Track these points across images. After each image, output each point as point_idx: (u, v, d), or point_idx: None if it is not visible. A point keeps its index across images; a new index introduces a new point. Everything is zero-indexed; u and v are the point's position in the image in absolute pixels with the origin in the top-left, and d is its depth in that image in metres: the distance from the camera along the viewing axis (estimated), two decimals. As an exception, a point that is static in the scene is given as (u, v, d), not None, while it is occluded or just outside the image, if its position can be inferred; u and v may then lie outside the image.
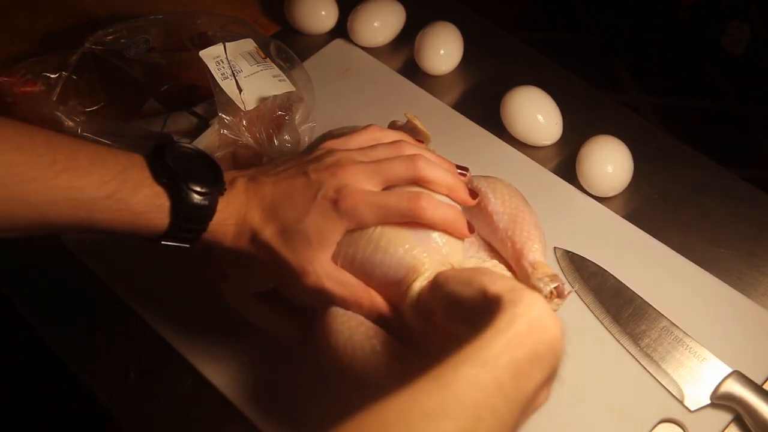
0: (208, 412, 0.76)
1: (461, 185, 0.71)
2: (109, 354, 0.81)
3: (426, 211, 0.67)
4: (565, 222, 0.85)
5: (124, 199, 0.63)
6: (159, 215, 0.64)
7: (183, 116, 0.93)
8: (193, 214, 0.65)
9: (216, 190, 0.66)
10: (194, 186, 0.65)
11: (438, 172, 0.70)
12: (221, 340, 0.79)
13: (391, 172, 0.68)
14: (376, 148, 0.71)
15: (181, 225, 0.65)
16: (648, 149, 0.92)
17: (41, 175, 0.60)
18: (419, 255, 0.68)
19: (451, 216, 0.68)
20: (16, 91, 0.89)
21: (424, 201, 0.67)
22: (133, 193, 0.63)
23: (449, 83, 1.00)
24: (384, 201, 0.67)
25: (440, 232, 0.69)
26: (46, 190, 0.61)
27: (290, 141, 0.85)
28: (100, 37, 0.91)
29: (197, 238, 0.67)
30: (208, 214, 0.66)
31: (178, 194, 0.64)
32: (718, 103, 1.03)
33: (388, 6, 1.02)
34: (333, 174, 0.67)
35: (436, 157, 0.73)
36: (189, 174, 0.65)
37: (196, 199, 0.65)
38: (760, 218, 0.88)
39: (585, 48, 1.08)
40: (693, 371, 0.75)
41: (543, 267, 0.70)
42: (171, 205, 0.64)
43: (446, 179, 0.70)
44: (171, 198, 0.64)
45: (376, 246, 0.68)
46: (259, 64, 0.87)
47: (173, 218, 0.65)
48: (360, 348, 0.66)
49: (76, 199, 0.62)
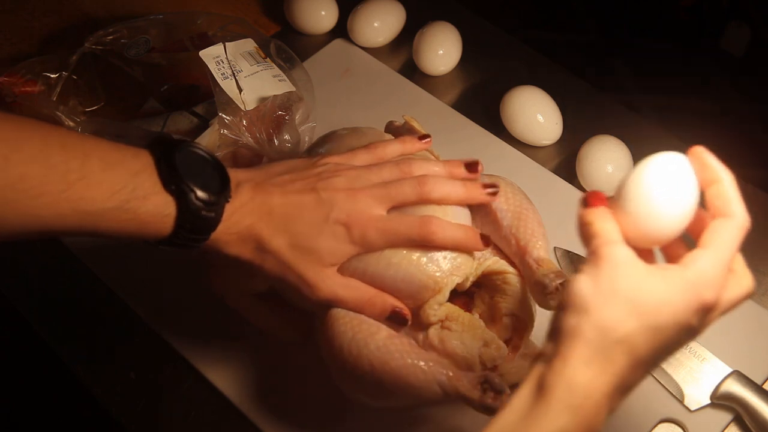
0: (208, 413, 0.76)
1: (472, 191, 0.71)
2: (109, 354, 0.81)
3: (437, 236, 0.68)
4: (565, 222, 0.84)
5: (133, 209, 0.62)
6: (164, 224, 0.64)
7: (183, 116, 0.93)
8: (198, 224, 0.65)
9: (222, 197, 0.66)
10: (201, 195, 0.64)
11: (446, 188, 0.70)
12: (221, 340, 0.79)
13: (400, 195, 0.69)
14: (382, 168, 0.71)
15: (185, 234, 0.65)
16: (648, 149, 0.92)
17: (54, 188, 0.59)
18: (431, 271, 0.68)
19: (462, 236, 0.69)
20: (16, 91, 0.89)
21: (434, 226, 0.68)
22: (142, 203, 0.62)
23: (449, 83, 1.00)
24: (395, 228, 0.68)
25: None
26: (56, 204, 0.60)
27: (290, 141, 0.85)
28: (100, 37, 0.91)
29: (198, 246, 0.66)
30: (213, 225, 0.65)
31: (185, 203, 0.63)
32: (718, 103, 1.03)
33: (388, 6, 1.02)
34: (344, 196, 0.68)
35: (442, 166, 0.73)
36: (197, 181, 0.64)
37: (202, 210, 0.64)
38: (760, 218, 0.88)
39: (585, 48, 1.07)
40: (693, 371, 0.75)
41: (548, 263, 0.70)
42: (177, 215, 0.63)
43: (455, 194, 0.71)
44: (178, 207, 0.63)
45: (388, 262, 0.68)
46: (259, 64, 0.87)
47: (177, 227, 0.64)
48: (364, 346, 0.66)
49: (85, 211, 0.61)
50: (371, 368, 0.66)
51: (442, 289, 0.68)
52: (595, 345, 0.52)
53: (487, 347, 0.69)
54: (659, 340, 0.53)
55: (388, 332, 0.67)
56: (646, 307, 0.52)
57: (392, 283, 0.69)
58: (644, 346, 0.52)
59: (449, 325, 0.69)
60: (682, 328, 0.53)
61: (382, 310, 0.68)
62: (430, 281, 0.68)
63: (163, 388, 0.78)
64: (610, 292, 0.53)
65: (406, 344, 0.67)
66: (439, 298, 0.68)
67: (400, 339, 0.67)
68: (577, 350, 0.52)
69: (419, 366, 0.65)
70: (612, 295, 0.52)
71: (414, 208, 0.70)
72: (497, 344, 0.69)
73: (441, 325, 0.69)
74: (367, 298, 0.69)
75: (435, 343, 0.69)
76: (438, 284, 0.68)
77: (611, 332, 0.52)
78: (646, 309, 0.52)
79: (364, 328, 0.67)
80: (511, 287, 0.71)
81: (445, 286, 0.68)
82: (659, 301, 0.52)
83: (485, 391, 0.63)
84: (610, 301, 0.52)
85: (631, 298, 0.52)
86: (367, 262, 0.69)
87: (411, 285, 0.68)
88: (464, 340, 0.69)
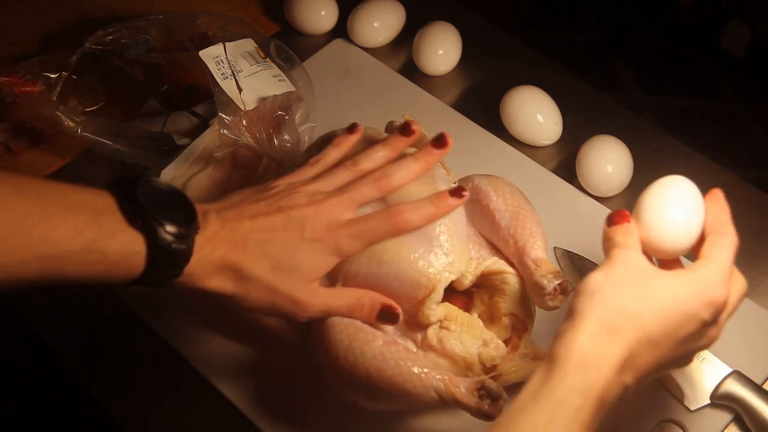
0: (208, 412, 0.76)
1: (427, 159, 0.71)
2: (110, 355, 0.81)
3: (409, 223, 0.68)
4: (565, 222, 0.85)
5: (100, 250, 0.59)
6: (134, 262, 0.61)
7: (183, 116, 0.93)
8: (170, 258, 0.62)
9: (192, 229, 0.63)
10: (170, 228, 0.61)
11: (401, 172, 0.71)
12: (221, 341, 0.79)
13: (364, 196, 0.70)
14: (334, 174, 0.71)
15: (157, 271, 0.62)
16: (648, 149, 0.92)
17: (14, 232, 0.57)
18: (424, 268, 0.68)
19: (433, 210, 0.69)
20: (16, 91, 0.89)
21: (403, 214, 0.68)
22: (109, 241, 0.60)
23: (449, 83, 1.00)
24: (367, 228, 0.68)
25: (444, 239, 0.69)
26: (17, 250, 0.57)
27: (290, 141, 0.85)
28: (100, 37, 0.91)
29: (171, 282, 0.64)
30: (185, 257, 0.63)
31: (154, 238, 0.61)
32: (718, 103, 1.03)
33: (388, 6, 1.02)
34: (311, 212, 0.68)
35: (383, 147, 0.73)
36: (163, 214, 0.62)
37: (173, 244, 0.62)
38: (760, 218, 0.88)
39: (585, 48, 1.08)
40: (693, 371, 0.75)
41: (546, 264, 0.70)
42: (147, 252, 0.61)
43: (412, 172, 0.71)
44: (147, 243, 0.61)
45: (380, 260, 0.68)
46: (259, 64, 0.87)
47: (148, 264, 0.61)
48: (360, 354, 0.66)
49: (49, 255, 0.58)
50: (368, 376, 0.66)
51: (436, 286, 0.68)
52: (606, 319, 0.57)
53: (486, 347, 0.69)
54: (669, 325, 0.58)
55: (384, 339, 0.67)
56: (655, 295, 0.58)
57: (385, 281, 0.68)
58: (654, 326, 0.57)
59: (448, 325, 0.69)
60: (692, 318, 0.58)
61: (371, 309, 0.68)
62: (423, 278, 0.68)
63: (163, 388, 0.78)
64: (621, 281, 0.59)
65: (403, 351, 0.67)
66: (435, 296, 0.68)
67: (396, 346, 0.67)
68: (588, 323, 0.57)
69: (415, 373, 0.65)
70: (623, 283, 0.59)
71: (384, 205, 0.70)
72: (496, 344, 0.69)
73: (440, 325, 0.69)
74: (355, 300, 0.69)
75: (434, 343, 0.69)
76: (431, 281, 0.68)
77: (622, 310, 0.57)
78: (656, 296, 0.58)
79: (360, 336, 0.67)
80: (510, 287, 0.71)
81: (439, 284, 0.68)
82: (667, 292, 0.58)
83: (482, 397, 0.64)
84: (622, 287, 0.58)
85: (641, 286, 0.58)
86: (359, 263, 0.69)
87: (404, 282, 0.68)
88: (463, 339, 0.69)
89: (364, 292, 0.69)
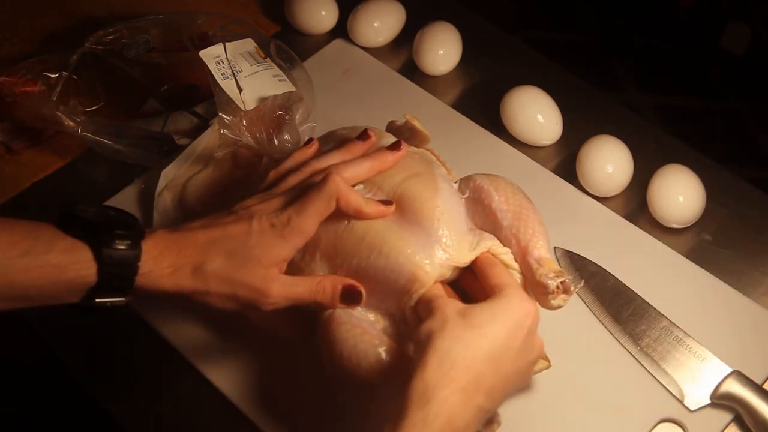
0: (208, 412, 0.76)
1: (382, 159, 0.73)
2: (109, 354, 0.81)
3: (346, 179, 0.69)
4: (565, 222, 0.85)
5: (40, 255, 0.61)
6: (84, 266, 0.62)
7: (183, 116, 0.93)
8: (119, 257, 0.63)
9: (136, 232, 0.65)
10: (112, 232, 0.63)
11: (351, 169, 0.71)
12: (221, 340, 0.79)
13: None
14: (286, 181, 0.72)
15: (111, 272, 0.63)
16: (648, 149, 0.92)
17: None
18: (420, 261, 0.68)
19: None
20: (16, 91, 0.89)
21: (336, 174, 0.68)
22: (48, 248, 0.61)
23: (449, 83, 1.00)
24: (307, 198, 0.68)
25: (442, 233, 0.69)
26: None
27: (290, 141, 0.85)
28: (100, 37, 0.91)
29: (131, 286, 0.65)
30: (135, 255, 0.64)
31: (98, 242, 0.62)
32: (718, 103, 1.03)
33: (388, 6, 1.02)
34: (262, 206, 0.69)
35: (337, 153, 0.74)
36: (104, 222, 0.64)
37: (118, 244, 0.63)
38: (760, 218, 0.88)
39: (585, 48, 1.08)
40: (693, 371, 0.75)
41: (549, 263, 0.70)
42: (94, 255, 0.62)
43: (362, 169, 0.72)
44: (92, 247, 0.62)
45: (379, 252, 0.68)
46: (259, 64, 0.87)
47: (101, 267, 0.62)
48: (365, 357, 0.66)
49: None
50: (369, 380, 0.66)
51: (430, 277, 0.68)
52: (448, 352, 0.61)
53: None
54: (503, 339, 0.63)
55: (389, 345, 0.67)
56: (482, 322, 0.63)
57: (382, 274, 0.68)
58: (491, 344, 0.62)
59: None
60: (519, 329, 0.64)
61: (333, 291, 0.68)
62: (419, 272, 0.67)
63: (163, 388, 0.78)
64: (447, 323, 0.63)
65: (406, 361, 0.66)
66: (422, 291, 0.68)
67: (400, 355, 0.67)
68: (429, 358, 0.61)
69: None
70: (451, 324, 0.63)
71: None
72: None
73: None
74: (315, 285, 0.68)
75: None
76: (428, 276, 0.68)
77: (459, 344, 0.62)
78: (482, 322, 0.63)
79: (366, 339, 0.67)
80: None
81: (433, 275, 0.68)
82: (489, 316, 0.64)
83: None
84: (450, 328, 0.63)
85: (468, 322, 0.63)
86: (359, 255, 0.69)
87: (400, 275, 0.68)
88: None
89: (322, 277, 0.69)
